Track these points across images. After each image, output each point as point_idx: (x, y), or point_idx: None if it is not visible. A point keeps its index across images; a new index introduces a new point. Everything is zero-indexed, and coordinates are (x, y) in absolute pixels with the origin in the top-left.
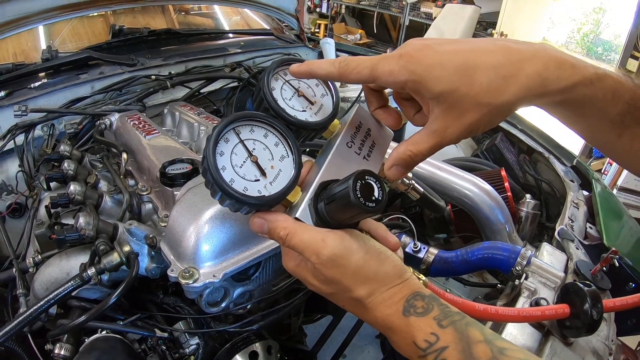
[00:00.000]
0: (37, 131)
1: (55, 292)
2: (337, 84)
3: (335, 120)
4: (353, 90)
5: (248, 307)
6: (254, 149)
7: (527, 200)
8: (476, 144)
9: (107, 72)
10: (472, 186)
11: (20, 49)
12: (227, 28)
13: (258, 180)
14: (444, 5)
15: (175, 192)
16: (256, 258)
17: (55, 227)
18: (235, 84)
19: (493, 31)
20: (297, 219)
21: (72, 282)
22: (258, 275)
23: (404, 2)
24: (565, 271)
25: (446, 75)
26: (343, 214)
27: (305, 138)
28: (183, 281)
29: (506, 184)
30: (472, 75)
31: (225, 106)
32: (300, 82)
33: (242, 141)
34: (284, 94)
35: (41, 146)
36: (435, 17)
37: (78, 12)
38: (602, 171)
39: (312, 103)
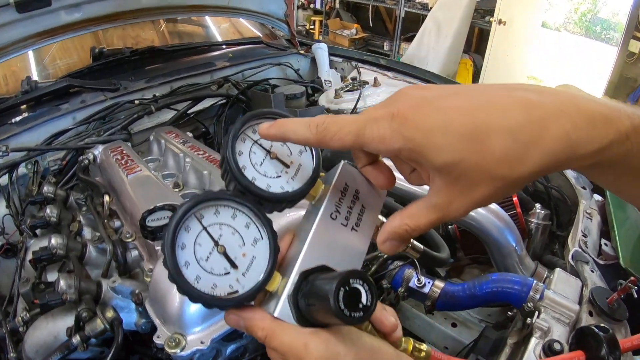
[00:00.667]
0: (21, 169)
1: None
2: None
3: (318, 181)
4: (348, 102)
5: None
6: (220, 235)
7: (537, 210)
8: None
9: (88, 101)
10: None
11: (10, 71)
12: (216, 35)
13: (228, 273)
14: None
15: (157, 247)
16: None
17: (40, 285)
18: (224, 101)
19: (491, 19)
20: (276, 317)
21: (58, 353)
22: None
23: None
24: (580, 300)
25: (450, 143)
26: (325, 318)
27: (282, 209)
28: (170, 350)
29: (515, 199)
30: (484, 142)
31: (215, 124)
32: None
33: (205, 228)
34: (254, 158)
35: (27, 184)
36: (431, 8)
37: (55, 38)
38: None
39: (287, 166)
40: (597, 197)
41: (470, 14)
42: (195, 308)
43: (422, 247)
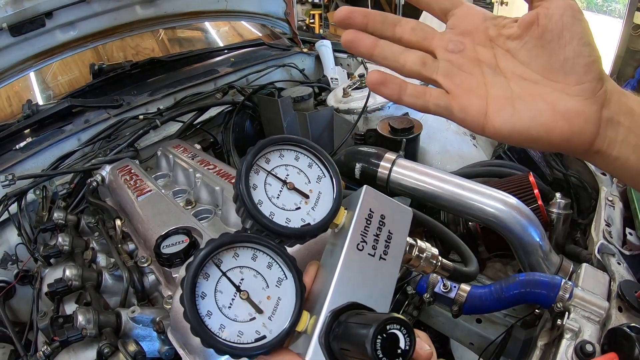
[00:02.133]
0: (30, 195)
1: None
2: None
3: (341, 208)
4: (357, 100)
5: None
6: (242, 279)
7: (558, 199)
8: (497, 142)
9: (92, 120)
10: (499, 204)
11: (13, 92)
12: (217, 39)
13: (254, 318)
14: None
15: (174, 275)
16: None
17: (58, 320)
18: (230, 108)
19: (493, 0)
20: None
21: None
22: None
23: None
24: (609, 296)
25: None
26: None
27: (304, 242)
28: None
29: (536, 191)
30: None
31: (223, 132)
32: (289, 168)
33: (225, 274)
34: (270, 191)
35: (37, 210)
36: None
37: (53, 58)
38: None
39: (306, 196)
40: (618, 185)
41: None
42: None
43: (451, 265)
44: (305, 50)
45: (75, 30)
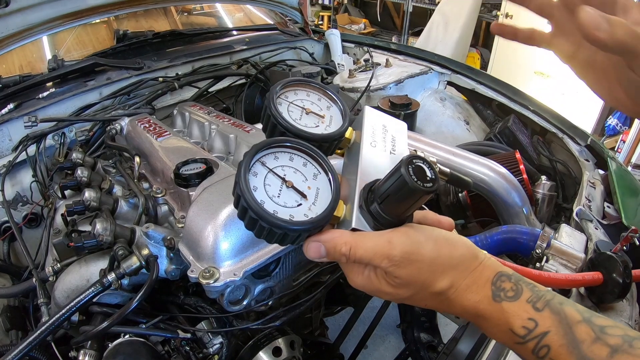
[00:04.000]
0: (49, 140)
1: (77, 299)
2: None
3: (349, 128)
4: (362, 80)
5: (270, 303)
6: (285, 174)
7: (543, 181)
8: (489, 127)
9: (114, 78)
10: (488, 170)
11: (26, 61)
12: (230, 25)
13: (300, 204)
14: None
15: (191, 193)
16: (276, 254)
17: (73, 234)
18: (243, 80)
19: (498, 12)
20: (354, 229)
21: (92, 288)
22: (278, 271)
23: None
24: (586, 252)
25: None
26: (401, 206)
27: (325, 151)
28: (204, 281)
29: (521, 167)
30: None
31: (234, 103)
32: (304, 101)
33: (271, 170)
34: (293, 115)
35: (53, 155)
36: (438, 2)
37: (80, 20)
38: (616, 149)
39: (322, 117)
40: (600, 171)
41: (478, 8)
42: (228, 244)
43: (449, 170)
44: (315, 38)
45: None
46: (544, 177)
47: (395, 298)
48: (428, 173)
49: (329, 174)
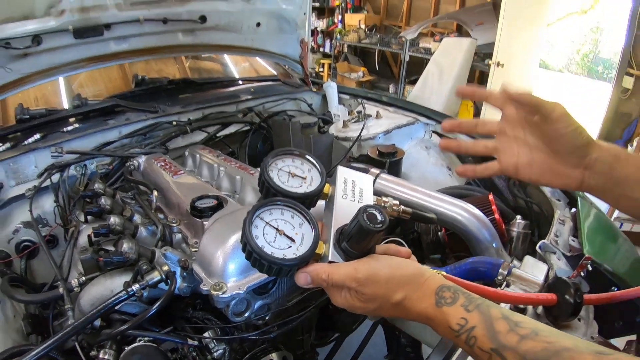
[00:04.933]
0: (71, 171)
1: (105, 303)
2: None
3: (327, 184)
4: (354, 131)
5: (267, 317)
6: (277, 225)
7: (518, 220)
8: None
9: (132, 119)
10: (462, 211)
11: (40, 93)
12: (235, 73)
13: (290, 247)
14: (441, 40)
15: (204, 222)
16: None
17: (100, 252)
18: (248, 127)
19: (490, 61)
20: (331, 262)
21: (119, 294)
22: (275, 290)
23: (403, 39)
24: (546, 279)
25: None
26: (361, 243)
27: (308, 206)
28: (214, 292)
29: (493, 207)
30: None
31: (239, 148)
32: (290, 166)
33: (267, 223)
34: (282, 179)
35: (74, 184)
36: (434, 52)
37: (102, 64)
38: None
39: (304, 179)
40: (572, 210)
41: (471, 58)
42: (234, 264)
43: (410, 209)
44: (314, 89)
45: (126, 44)
46: (518, 217)
47: (366, 311)
48: (379, 217)
49: (311, 223)
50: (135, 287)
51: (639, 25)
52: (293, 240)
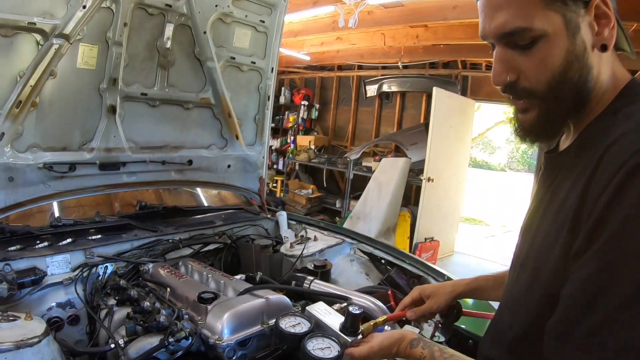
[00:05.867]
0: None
1: (151, 349)
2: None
3: None
4: (298, 250)
5: None
6: None
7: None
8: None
9: (140, 235)
10: (367, 302)
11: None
12: (209, 202)
13: None
14: (380, 159)
15: (207, 306)
16: (250, 334)
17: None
18: (222, 246)
19: (422, 177)
20: None
21: (159, 344)
22: (249, 344)
23: (347, 160)
24: None
25: None
26: None
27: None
28: (218, 342)
29: (391, 299)
30: None
31: (214, 261)
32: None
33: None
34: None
35: (96, 279)
36: (374, 170)
37: (113, 190)
38: None
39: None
40: None
41: (406, 174)
42: (227, 329)
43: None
44: (269, 216)
45: (135, 177)
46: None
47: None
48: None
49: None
50: (171, 339)
51: None
52: None
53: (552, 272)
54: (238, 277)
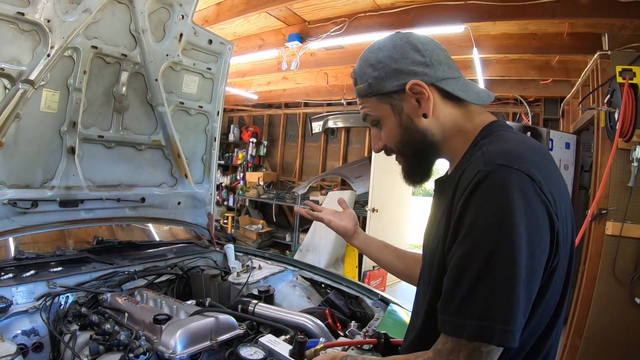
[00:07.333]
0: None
1: None
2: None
3: None
4: (244, 278)
5: None
6: None
7: (352, 323)
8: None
9: (97, 267)
10: (307, 320)
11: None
12: (161, 237)
13: None
14: (327, 193)
15: (162, 327)
16: (200, 349)
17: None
18: (174, 277)
19: (366, 208)
20: None
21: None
22: (200, 358)
23: (295, 194)
24: None
25: None
26: None
27: None
28: (172, 356)
29: (329, 317)
30: None
31: (167, 291)
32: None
33: None
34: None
35: (57, 308)
36: (321, 204)
37: (74, 226)
38: None
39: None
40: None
41: (352, 206)
42: (180, 345)
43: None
44: (217, 249)
45: (91, 214)
46: (352, 322)
47: None
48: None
49: None
50: (131, 355)
51: None
52: None
53: (437, 266)
54: (189, 302)
